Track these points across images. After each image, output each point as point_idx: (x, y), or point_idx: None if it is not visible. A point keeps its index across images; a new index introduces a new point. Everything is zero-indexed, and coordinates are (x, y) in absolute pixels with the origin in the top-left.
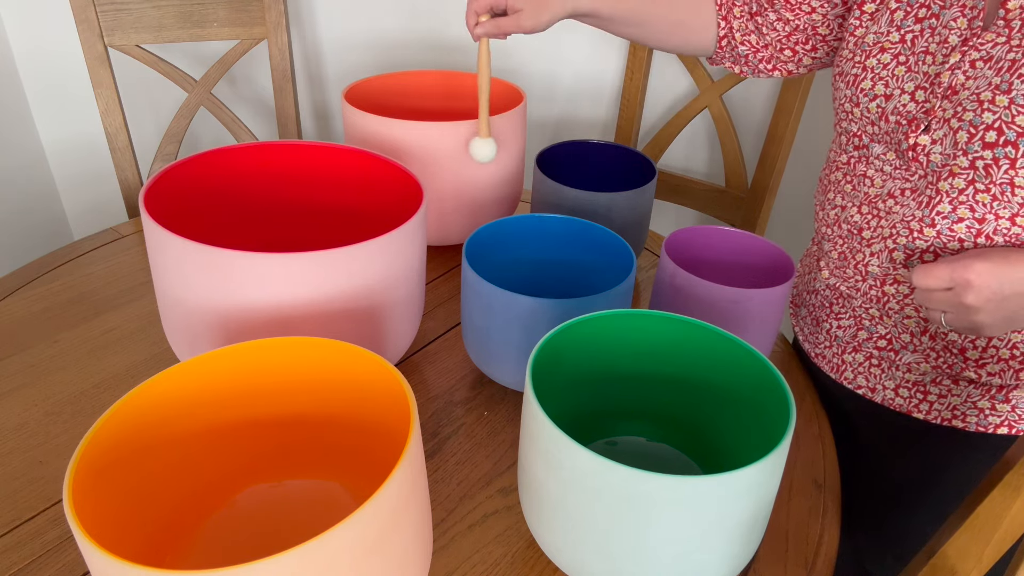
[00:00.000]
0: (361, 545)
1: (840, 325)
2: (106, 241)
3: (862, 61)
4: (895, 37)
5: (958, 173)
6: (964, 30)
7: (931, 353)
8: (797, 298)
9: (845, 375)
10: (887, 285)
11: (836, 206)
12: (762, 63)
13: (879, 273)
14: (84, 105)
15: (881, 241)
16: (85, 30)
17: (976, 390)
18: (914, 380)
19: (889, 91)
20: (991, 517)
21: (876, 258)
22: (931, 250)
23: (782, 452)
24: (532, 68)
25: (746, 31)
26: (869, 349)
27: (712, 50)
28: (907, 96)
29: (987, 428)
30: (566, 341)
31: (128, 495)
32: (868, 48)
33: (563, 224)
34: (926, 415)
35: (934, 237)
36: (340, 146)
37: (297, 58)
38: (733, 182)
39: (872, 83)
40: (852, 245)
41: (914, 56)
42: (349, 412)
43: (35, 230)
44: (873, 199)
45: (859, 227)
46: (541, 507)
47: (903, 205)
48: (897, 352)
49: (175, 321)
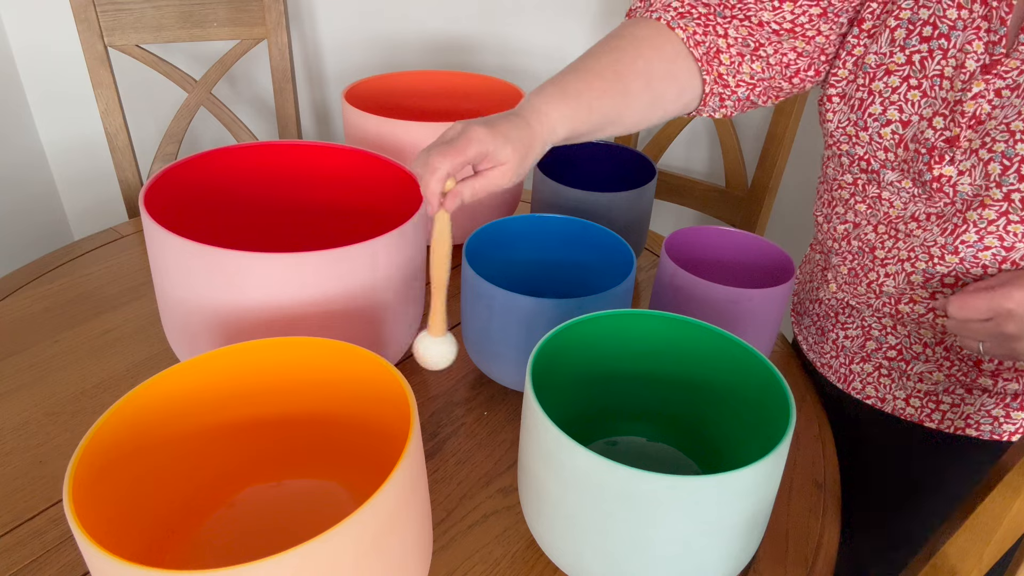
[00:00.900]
0: (361, 545)
1: (847, 335)
2: (106, 241)
3: (867, 84)
4: (900, 59)
5: (990, 205)
6: (982, 55)
7: (944, 363)
8: (799, 306)
9: (853, 385)
10: (902, 304)
11: (847, 222)
12: (761, 97)
13: (894, 293)
14: (84, 105)
15: (898, 263)
16: (85, 30)
17: (990, 399)
18: (926, 390)
19: (906, 117)
20: (991, 517)
21: (892, 279)
22: (952, 274)
23: (782, 452)
24: (532, 68)
25: (739, 71)
26: (879, 359)
27: (695, 106)
28: (925, 123)
29: (1001, 436)
30: (566, 341)
31: (128, 495)
32: (871, 70)
33: (563, 224)
34: (938, 424)
35: (956, 264)
36: (340, 146)
37: (297, 58)
38: (733, 182)
39: (883, 108)
40: (864, 263)
41: (927, 80)
42: (349, 412)
43: (35, 230)
44: (894, 220)
45: (872, 246)
46: (541, 507)
47: (926, 230)
48: (908, 362)
49: (175, 321)
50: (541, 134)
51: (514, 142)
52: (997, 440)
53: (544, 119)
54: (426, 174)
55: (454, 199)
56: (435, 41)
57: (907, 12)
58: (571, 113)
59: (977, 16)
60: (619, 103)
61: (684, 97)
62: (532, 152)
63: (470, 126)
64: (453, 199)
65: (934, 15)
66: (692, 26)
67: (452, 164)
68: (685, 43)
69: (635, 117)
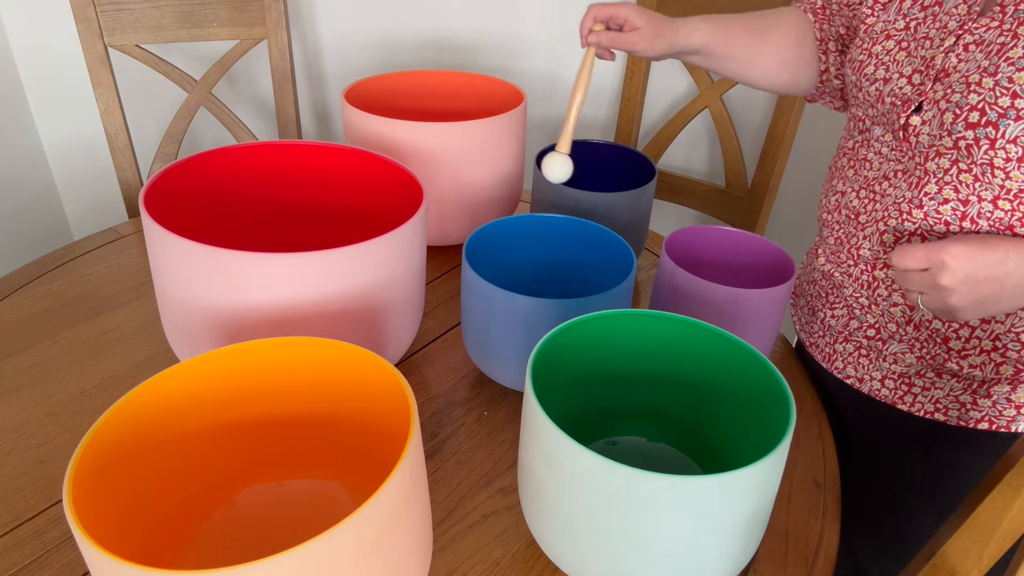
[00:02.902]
0: (361, 545)
1: (834, 314)
2: (106, 241)
3: (868, 48)
4: (900, 24)
5: (943, 153)
6: (964, 16)
7: (916, 343)
8: (798, 288)
9: (836, 364)
10: (877, 269)
11: (837, 191)
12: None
13: (870, 257)
14: (84, 105)
15: (874, 224)
16: (85, 30)
17: (958, 384)
18: (899, 372)
19: (888, 75)
20: (991, 517)
21: (868, 241)
22: (918, 232)
23: (782, 452)
24: (532, 68)
25: (840, 65)
26: (859, 339)
27: (812, 88)
28: (904, 79)
29: (968, 423)
30: (566, 341)
31: (128, 495)
32: (876, 36)
33: (563, 224)
34: (910, 407)
35: (921, 219)
36: (340, 146)
37: (297, 58)
38: (733, 182)
39: (875, 68)
40: (848, 230)
41: (915, 42)
42: (349, 412)
43: (35, 230)
44: (871, 182)
45: (856, 211)
46: (541, 507)
47: (895, 187)
48: (884, 342)
49: (175, 321)
50: (677, 29)
51: (653, 20)
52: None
53: (683, 25)
54: (585, 16)
55: (594, 37)
56: (435, 41)
57: None
58: (710, 30)
59: None
60: (753, 51)
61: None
62: (665, 36)
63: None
64: (594, 36)
65: None
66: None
67: (602, 13)
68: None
69: (760, 70)
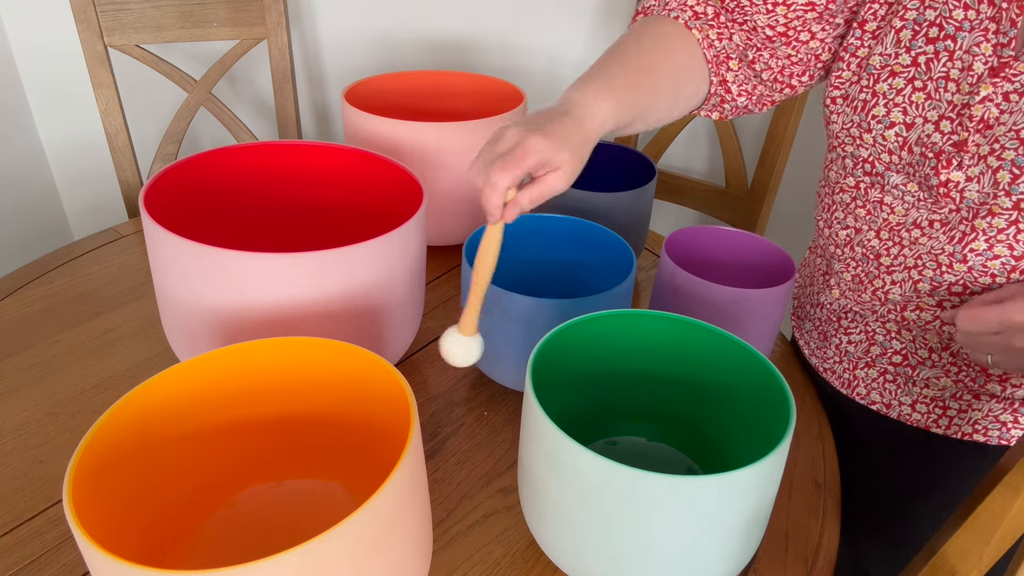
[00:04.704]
0: (361, 545)
1: (851, 340)
2: (106, 241)
3: (870, 86)
4: (906, 60)
5: (999, 213)
6: (990, 57)
7: (951, 368)
8: (800, 311)
9: (857, 391)
10: (908, 311)
11: (848, 227)
12: (756, 105)
13: (900, 300)
14: (84, 105)
15: (904, 271)
16: (85, 30)
17: (998, 404)
18: (932, 396)
19: (910, 119)
20: (991, 517)
21: (898, 287)
22: (959, 283)
23: (782, 452)
24: (532, 68)
25: (744, 80)
26: (883, 364)
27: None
28: (931, 126)
29: (1010, 441)
30: (566, 341)
31: (128, 495)
32: (876, 72)
33: (563, 224)
34: (945, 430)
35: (965, 272)
36: (340, 146)
37: (297, 58)
38: (733, 182)
39: (886, 110)
40: (868, 270)
41: (932, 82)
42: (349, 412)
43: (35, 230)
44: (895, 227)
45: (877, 252)
46: (541, 507)
47: (931, 238)
48: (914, 367)
49: (175, 321)
50: (593, 132)
51: (571, 147)
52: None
53: (596, 115)
54: (486, 189)
55: (514, 209)
56: (435, 41)
57: (913, 12)
58: (617, 108)
59: (985, 17)
60: (650, 99)
61: (697, 96)
62: (586, 152)
63: (527, 136)
64: (513, 209)
65: (940, 16)
66: (706, 28)
67: (512, 178)
68: (700, 44)
69: (659, 114)
